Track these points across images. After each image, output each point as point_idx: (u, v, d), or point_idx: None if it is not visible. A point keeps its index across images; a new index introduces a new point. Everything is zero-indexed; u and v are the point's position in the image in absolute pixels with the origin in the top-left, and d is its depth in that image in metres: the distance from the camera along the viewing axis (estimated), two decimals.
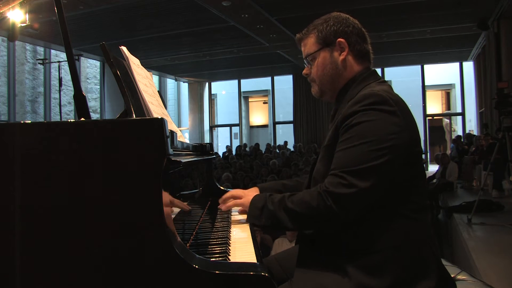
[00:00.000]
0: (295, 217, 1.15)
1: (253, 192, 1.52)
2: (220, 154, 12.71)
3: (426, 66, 13.59)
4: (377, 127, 1.10)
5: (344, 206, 1.08)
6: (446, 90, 16.55)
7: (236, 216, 1.54)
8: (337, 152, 1.14)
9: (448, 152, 10.26)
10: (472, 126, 13.39)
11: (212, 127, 16.93)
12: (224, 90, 18.21)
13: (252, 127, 18.32)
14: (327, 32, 1.29)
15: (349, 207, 1.08)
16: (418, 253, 1.13)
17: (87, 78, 12.43)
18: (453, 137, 12.49)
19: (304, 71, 1.38)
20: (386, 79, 14.64)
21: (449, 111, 16.35)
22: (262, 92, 17.71)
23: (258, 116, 18.70)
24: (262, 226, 1.25)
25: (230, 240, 1.21)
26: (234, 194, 1.47)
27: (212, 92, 16.83)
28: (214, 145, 12.99)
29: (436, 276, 1.13)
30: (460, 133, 13.54)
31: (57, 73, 8.29)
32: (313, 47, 1.32)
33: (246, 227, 1.37)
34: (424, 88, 13.45)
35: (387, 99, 1.13)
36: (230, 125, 17.17)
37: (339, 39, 1.28)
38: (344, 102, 1.26)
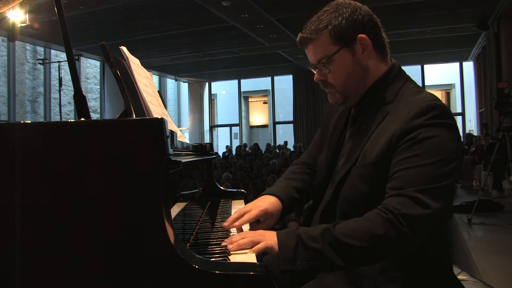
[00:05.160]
0: (350, 252, 0.95)
1: (266, 207, 1.20)
2: (220, 154, 12.71)
3: (426, 66, 13.59)
4: (445, 144, 1.01)
5: (416, 230, 0.95)
6: (446, 90, 16.55)
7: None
8: (402, 170, 1.00)
9: None
10: (472, 126, 13.38)
11: (212, 127, 16.93)
12: (224, 90, 18.21)
13: (252, 127, 18.32)
14: (343, 28, 1.09)
15: (421, 231, 0.97)
16: (435, 267, 1.10)
17: (87, 78, 12.43)
18: None
19: (317, 77, 1.18)
20: None
21: None
22: (262, 92, 17.71)
23: (258, 116, 18.70)
24: (298, 271, 0.96)
25: None
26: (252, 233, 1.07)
27: (212, 92, 16.83)
28: (214, 145, 12.98)
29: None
30: (460, 133, 13.52)
31: (57, 73, 8.29)
32: (329, 48, 1.11)
33: (246, 226, 1.37)
34: (424, 88, 13.43)
35: (449, 112, 1.05)
36: (230, 125, 17.17)
37: (360, 35, 1.10)
38: (377, 105, 1.12)
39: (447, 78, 15.33)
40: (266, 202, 1.24)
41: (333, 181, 1.17)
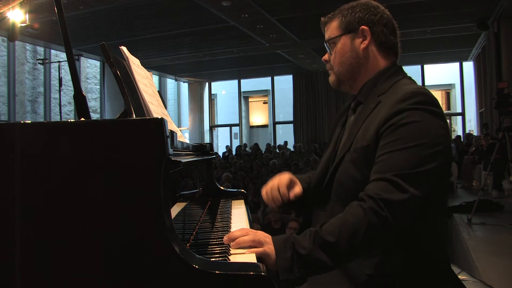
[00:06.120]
0: (340, 251, 0.99)
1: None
2: (220, 154, 12.71)
3: (426, 66, 13.58)
4: (428, 128, 1.03)
5: (396, 214, 0.98)
6: (446, 90, 16.55)
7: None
8: (384, 154, 1.04)
9: None
10: (472, 126, 13.38)
11: (212, 127, 16.92)
12: (224, 90, 18.20)
13: (252, 127, 18.31)
14: (351, 18, 1.22)
15: (401, 215, 0.99)
16: (430, 264, 1.10)
17: (87, 78, 12.43)
18: (453, 137, 12.49)
19: (324, 57, 1.30)
20: None
21: (449, 111, 16.34)
22: (262, 92, 17.70)
23: (258, 116, 18.69)
24: (297, 279, 0.99)
25: None
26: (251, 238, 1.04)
27: (212, 92, 16.83)
28: (214, 145, 12.99)
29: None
30: (460, 133, 13.54)
31: (57, 73, 8.28)
32: (334, 31, 1.24)
33: (246, 226, 1.37)
34: None
35: (435, 100, 1.08)
36: (230, 125, 17.16)
37: (362, 27, 1.20)
38: (372, 96, 1.19)
39: (447, 78, 15.32)
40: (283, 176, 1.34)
41: (331, 167, 1.23)
